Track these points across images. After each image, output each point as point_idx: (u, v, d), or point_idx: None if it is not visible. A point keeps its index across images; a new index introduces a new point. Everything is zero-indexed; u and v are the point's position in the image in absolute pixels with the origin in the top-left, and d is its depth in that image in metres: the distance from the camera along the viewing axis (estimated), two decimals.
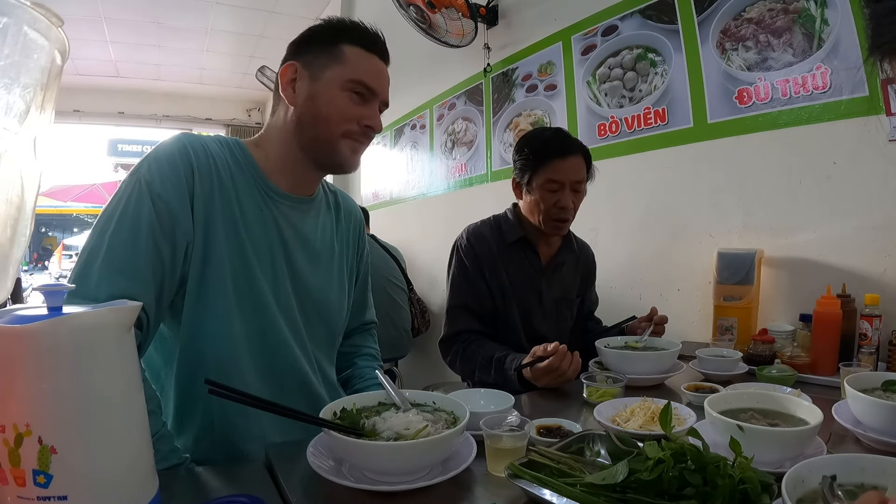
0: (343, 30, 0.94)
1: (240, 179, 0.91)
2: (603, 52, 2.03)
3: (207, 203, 0.86)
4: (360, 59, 0.93)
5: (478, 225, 1.53)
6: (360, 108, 0.93)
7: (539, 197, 1.39)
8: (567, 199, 1.38)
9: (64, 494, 0.47)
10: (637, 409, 0.87)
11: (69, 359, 0.48)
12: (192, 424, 0.90)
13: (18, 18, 0.61)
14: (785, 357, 1.22)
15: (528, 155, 1.41)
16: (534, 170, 1.39)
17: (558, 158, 1.37)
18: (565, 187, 1.37)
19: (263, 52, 5.12)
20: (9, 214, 0.74)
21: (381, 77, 0.96)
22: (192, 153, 0.86)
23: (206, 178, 0.87)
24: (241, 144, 0.96)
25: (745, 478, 0.55)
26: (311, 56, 0.93)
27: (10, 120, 0.68)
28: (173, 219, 0.82)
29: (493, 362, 1.29)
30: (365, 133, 0.95)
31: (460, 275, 1.46)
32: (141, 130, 9.54)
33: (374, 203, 3.88)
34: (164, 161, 0.84)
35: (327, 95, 0.91)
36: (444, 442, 0.68)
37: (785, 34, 1.46)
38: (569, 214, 1.41)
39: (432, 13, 2.47)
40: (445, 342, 1.45)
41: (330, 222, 1.07)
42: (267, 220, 0.93)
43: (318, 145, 0.93)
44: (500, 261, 1.45)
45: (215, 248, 0.86)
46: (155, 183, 0.82)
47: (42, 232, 14.69)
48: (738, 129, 1.57)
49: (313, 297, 1.00)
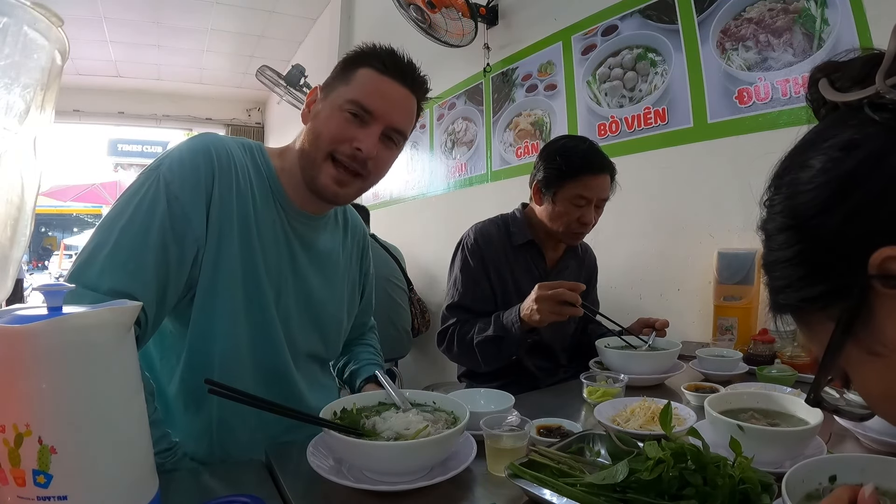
0: (366, 54, 0.90)
1: (258, 186, 0.91)
2: (603, 51, 2.03)
3: (224, 208, 0.85)
4: (367, 81, 0.88)
5: (485, 224, 1.51)
6: (353, 130, 0.87)
7: (563, 209, 1.37)
8: (590, 216, 1.37)
9: (64, 494, 0.47)
10: (637, 409, 0.87)
11: (69, 359, 0.48)
12: (195, 425, 0.90)
13: (19, 18, 0.61)
14: (785, 357, 1.22)
15: (560, 165, 1.36)
16: (564, 182, 1.35)
17: (591, 175, 1.35)
18: (591, 203, 1.36)
19: (263, 52, 5.12)
20: (9, 214, 0.74)
21: (388, 99, 0.88)
22: (215, 156, 0.85)
23: (226, 182, 0.85)
24: (264, 151, 0.95)
25: (745, 478, 0.55)
26: (332, 80, 0.92)
27: (10, 120, 0.68)
28: (186, 222, 0.81)
29: (493, 319, 1.30)
30: (354, 157, 0.87)
31: (464, 274, 1.45)
32: (141, 130, 9.56)
33: (374, 203, 3.88)
34: (187, 162, 0.83)
35: (326, 114, 0.89)
36: (444, 442, 0.68)
37: (785, 34, 1.46)
38: (589, 229, 1.41)
39: (432, 13, 2.47)
40: (441, 333, 1.44)
41: (338, 237, 1.07)
42: (278, 227, 0.93)
43: (307, 166, 0.90)
44: (506, 262, 1.44)
45: (228, 253, 0.85)
46: (174, 183, 0.80)
47: (42, 232, 14.69)
48: (738, 129, 1.57)
49: (314, 307, 1.00)
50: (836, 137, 0.37)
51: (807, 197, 0.37)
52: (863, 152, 0.35)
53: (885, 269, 0.33)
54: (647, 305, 1.82)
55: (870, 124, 0.36)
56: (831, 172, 0.36)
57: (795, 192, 0.38)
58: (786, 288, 0.40)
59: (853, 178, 0.35)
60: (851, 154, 0.36)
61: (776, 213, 0.40)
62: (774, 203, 0.41)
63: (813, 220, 0.37)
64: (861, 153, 0.35)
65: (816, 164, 0.37)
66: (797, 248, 0.39)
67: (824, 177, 0.37)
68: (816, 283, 0.38)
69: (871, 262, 0.33)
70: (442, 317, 1.46)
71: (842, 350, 0.37)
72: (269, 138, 6.80)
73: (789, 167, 0.40)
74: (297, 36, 4.98)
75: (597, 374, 1.09)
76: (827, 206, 0.36)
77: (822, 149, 0.37)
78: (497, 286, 1.43)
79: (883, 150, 0.34)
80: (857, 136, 0.36)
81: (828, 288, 0.37)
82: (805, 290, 0.38)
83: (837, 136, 0.37)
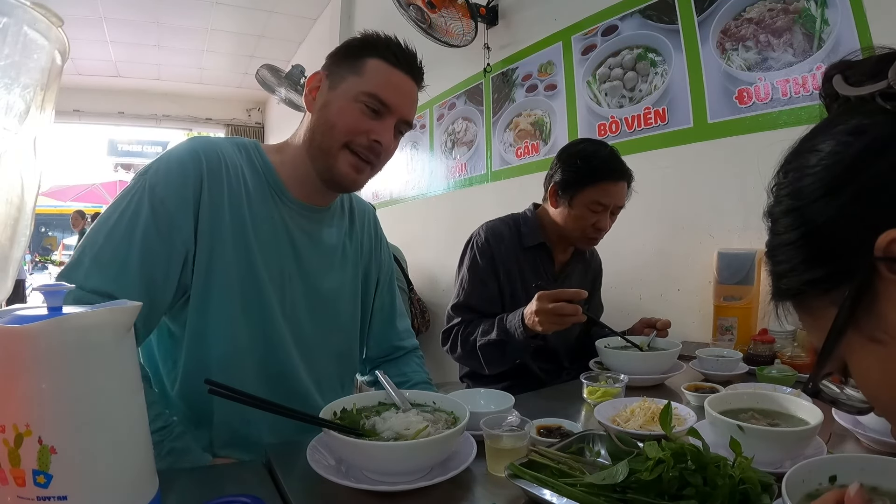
0: (372, 43, 0.90)
1: (253, 184, 0.91)
2: (603, 51, 2.03)
3: (216, 210, 0.85)
4: (379, 73, 0.88)
5: (496, 223, 1.49)
6: (370, 122, 0.88)
7: (579, 213, 1.35)
8: (606, 222, 1.36)
9: (64, 494, 0.47)
10: (637, 409, 0.87)
11: (69, 359, 0.48)
12: (196, 425, 0.90)
13: (18, 18, 0.61)
14: (785, 357, 1.22)
15: (580, 169, 1.34)
16: (582, 186, 1.34)
17: (611, 182, 1.33)
18: (607, 210, 1.35)
19: (263, 52, 5.13)
20: (9, 214, 0.74)
21: (401, 93, 0.90)
22: (203, 160, 0.85)
23: (217, 185, 0.86)
24: (260, 149, 0.95)
25: (746, 478, 0.55)
26: (337, 67, 0.92)
27: (10, 120, 0.68)
28: (173, 225, 0.81)
29: (496, 321, 1.28)
30: (371, 148, 0.89)
31: (471, 273, 1.43)
32: (141, 130, 9.57)
33: (374, 203, 3.88)
34: (174, 166, 0.84)
35: (339, 105, 0.88)
36: (444, 442, 0.68)
37: (785, 34, 1.46)
38: (603, 235, 1.40)
39: (432, 13, 2.47)
40: (445, 333, 1.43)
41: (344, 226, 1.05)
42: (278, 225, 0.92)
43: (320, 156, 0.90)
44: (515, 263, 1.42)
45: (222, 255, 0.85)
46: (159, 186, 0.81)
47: (42, 232, 14.68)
48: (738, 129, 1.57)
49: (326, 302, 0.98)
50: (846, 123, 0.38)
51: (813, 178, 0.38)
52: (870, 136, 0.36)
53: (890, 252, 0.33)
54: (647, 305, 1.82)
55: (879, 112, 0.36)
56: (839, 155, 0.37)
57: (803, 175, 0.39)
58: (790, 272, 0.40)
59: (860, 160, 0.36)
60: (859, 138, 0.36)
61: (783, 197, 0.41)
62: (782, 187, 0.41)
63: (819, 201, 0.37)
64: (868, 137, 0.36)
65: (825, 147, 0.38)
66: (802, 229, 0.39)
67: (832, 159, 0.37)
68: (820, 265, 0.38)
69: (877, 244, 0.34)
70: (447, 316, 1.44)
71: (843, 336, 0.37)
72: (270, 138, 6.80)
73: (799, 152, 0.41)
74: (297, 36, 4.99)
75: (597, 374, 1.09)
76: (833, 188, 0.37)
77: (831, 134, 0.38)
78: (505, 287, 1.41)
79: (891, 135, 0.35)
80: (865, 122, 0.37)
81: (832, 270, 0.37)
82: (809, 273, 0.39)
83: (847, 123, 0.38)
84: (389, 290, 1.17)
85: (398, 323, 1.17)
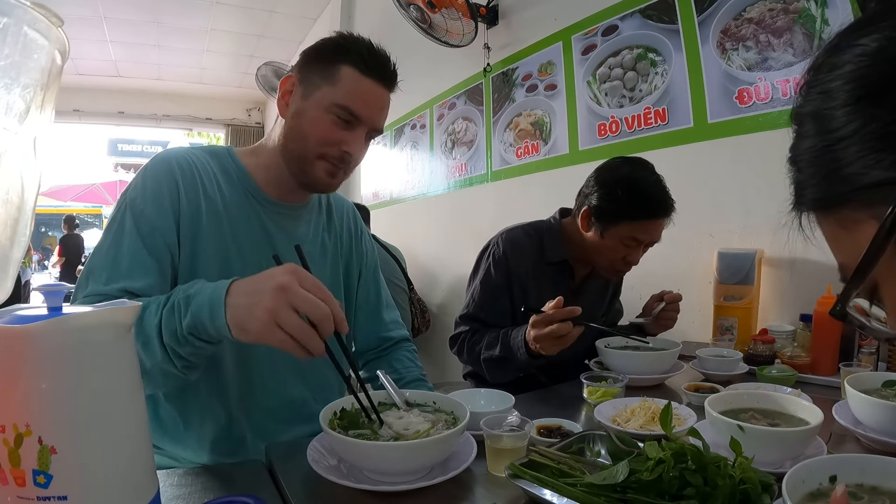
0: (345, 49, 0.90)
1: (227, 189, 0.93)
2: (603, 51, 2.02)
3: (194, 219, 0.88)
4: (352, 83, 0.89)
5: (517, 232, 1.39)
6: (341, 133, 0.90)
7: (611, 245, 1.25)
8: (638, 257, 1.28)
9: (64, 494, 0.47)
10: (637, 409, 0.87)
11: (69, 359, 0.48)
12: (193, 426, 0.90)
13: (18, 18, 0.61)
14: (785, 357, 1.22)
15: (619, 200, 1.22)
16: (620, 219, 1.23)
17: (652, 219, 1.23)
18: (641, 245, 1.27)
19: (263, 52, 5.13)
20: (9, 214, 0.74)
21: (371, 104, 0.92)
22: (176, 166, 0.89)
23: (192, 188, 0.89)
24: (232, 153, 0.98)
25: (746, 478, 0.55)
26: (309, 71, 0.92)
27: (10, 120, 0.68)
28: (155, 229, 0.84)
29: (500, 336, 1.24)
30: (342, 158, 0.92)
31: (483, 286, 1.36)
32: (141, 130, 9.57)
33: (375, 203, 3.88)
34: (150, 180, 0.88)
35: (312, 115, 0.90)
36: (444, 442, 0.68)
37: (785, 34, 1.46)
38: (630, 268, 1.32)
39: (432, 13, 2.47)
40: (453, 339, 1.41)
41: (322, 222, 1.07)
42: (254, 225, 0.94)
43: (295, 161, 0.93)
44: (533, 277, 1.35)
45: (203, 256, 0.88)
46: (137, 199, 0.85)
47: (42, 232, 14.68)
48: (739, 129, 1.57)
49: None
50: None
51: (872, 70, 0.33)
52: None
53: None
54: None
55: None
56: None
57: (859, 66, 0.34)
58: (832, 174, 0.35)
59: None
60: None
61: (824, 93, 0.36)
62: (823, 82, 0.36)
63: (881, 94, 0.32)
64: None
65: (873, 44, 0.33)
66: (859, 123, 0.33)
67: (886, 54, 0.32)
68: (877, 166, 0.32)
69: None
70: (455, 322, 1.42)
71: (882, 253, 0.33)
72: None
73: (838, 46, 0.36)
74: (297, 36, 4.99)
75: (597, 374, 1.09)
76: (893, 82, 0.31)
77: (881, 27, 0.33)
78: (518, 301, 1.34)
79: None
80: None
81: (888, 176, 0.32)
82: (857, 178, 0.33)
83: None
84: (374, 282, 1.16)
85: (385, 314, 1.16)
